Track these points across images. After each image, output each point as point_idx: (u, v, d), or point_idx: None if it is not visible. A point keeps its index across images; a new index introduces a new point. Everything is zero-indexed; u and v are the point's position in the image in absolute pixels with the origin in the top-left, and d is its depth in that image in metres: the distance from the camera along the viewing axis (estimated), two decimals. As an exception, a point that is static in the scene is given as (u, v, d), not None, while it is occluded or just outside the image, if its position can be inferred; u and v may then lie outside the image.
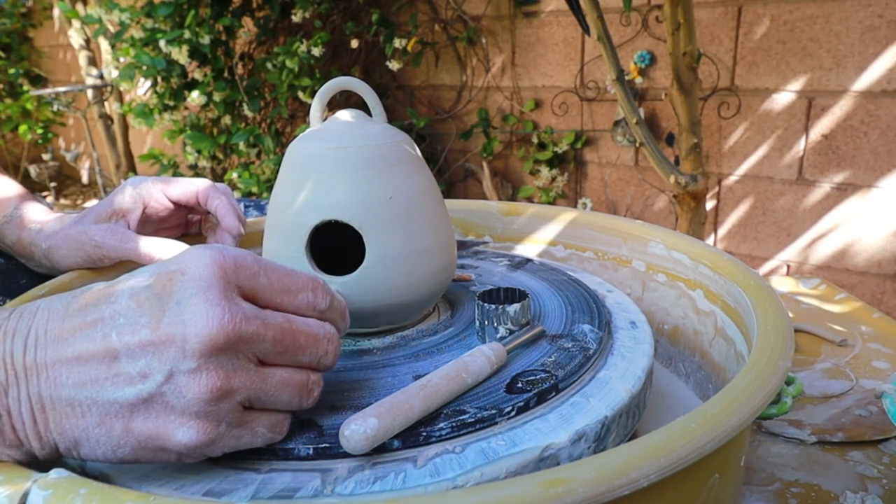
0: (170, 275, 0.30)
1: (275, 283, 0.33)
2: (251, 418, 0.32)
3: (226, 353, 0.30)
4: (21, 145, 4.35)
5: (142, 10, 2.03)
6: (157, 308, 0.30)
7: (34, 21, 4.09)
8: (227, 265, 0.31)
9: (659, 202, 1.84)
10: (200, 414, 0.30)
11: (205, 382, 0.29)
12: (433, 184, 0.50)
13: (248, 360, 0.31)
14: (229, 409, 0.31)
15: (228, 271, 0.31)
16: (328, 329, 0.34)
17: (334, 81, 0.49)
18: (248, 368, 0.31)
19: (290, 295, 0.33)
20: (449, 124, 2.22)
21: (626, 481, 0.26)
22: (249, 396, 0.31)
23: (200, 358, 0.29)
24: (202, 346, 0.29)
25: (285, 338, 0.32)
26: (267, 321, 0.31)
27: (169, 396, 0.29)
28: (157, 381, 0.29)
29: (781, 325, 0.41)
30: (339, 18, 2.14)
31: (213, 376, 0.29)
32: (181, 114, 2.25)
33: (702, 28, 1.61)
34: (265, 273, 0.33)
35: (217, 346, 0.29)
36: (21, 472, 0.29)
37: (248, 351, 0.31)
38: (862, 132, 1.46)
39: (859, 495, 0.46)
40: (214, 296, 0.30)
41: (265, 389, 0.32)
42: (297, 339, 0.32)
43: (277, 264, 0.34)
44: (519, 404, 0.37)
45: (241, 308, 0.30)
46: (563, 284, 0.57)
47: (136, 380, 0.29)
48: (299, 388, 0.34)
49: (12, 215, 0.62)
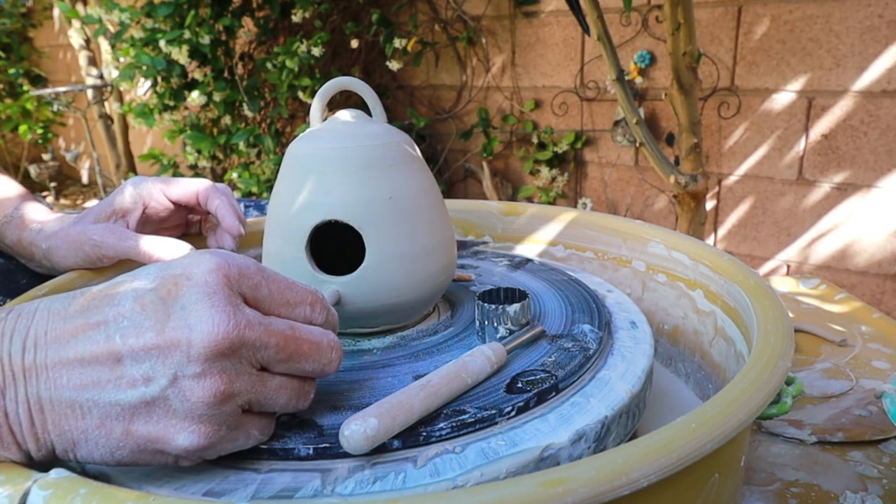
0: (175, 279, 0.31)
1: (275, 295, 0.33)
2: (246, 421, 0.33)
3: (229, 357, 0.30)
4: (21, 145, 4.35)
5: (142, 10, 2.03)
6: (162, 312, 0.30)
7: (34, 21, 4.09)
8: (231, 272, 0.31)
9: (659, 202, 1.84)
10: (203, 418, 0.30)
11: (209, 386, 0.29)
12: (433, 184, 0.50)
13: (251, 366, 0.31)
14: (230, 412, 0.31)
15: (233, 278, 0.31)
16: (331, 338, 0.35)
17: (334, 81, 0.49)
18: (251, 373, 0.31)
19: (288, 307, 0.34)
20: (449, 124, 2.22)
21: (626, 481, 0.26)
22: (249, 400, 0.32)
23: (205, 362, 0.29)
24: (207, 350, 0.29)
25: (289, 345, 0.32)
26: (271, 328, 0.31)
27: (172, 400, 0.29)
28: (161, 384, 0.29)
29: (781, 325, 0.41)
30: (339, 18, 2.14)
31: (216, 380, 0.29)
32: (181, 114, 2.25)
33: (702, 28, 1.61)
34: (267, 283, 0.33)
35: (221, 351, 0.29)
36: (21, 472, 0.29)
37: (251, 356, 0.31)
38: (862, 132, 1.46)
39: (859, 495, 0.46)
40: (220, 301, 0.30)
41: (265, 393, 0.32)
42: (301, 347, 0.33)
43: (279, 275, 0.34)
44: (519, 404, 0.37)
45: (245, 314, 0.31)
46: (563, 284, 0.57)
47: (139, 383, 0.29)
48: (297, 392, 0.34)
49: (13, 216, 0.62)
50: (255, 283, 0.32)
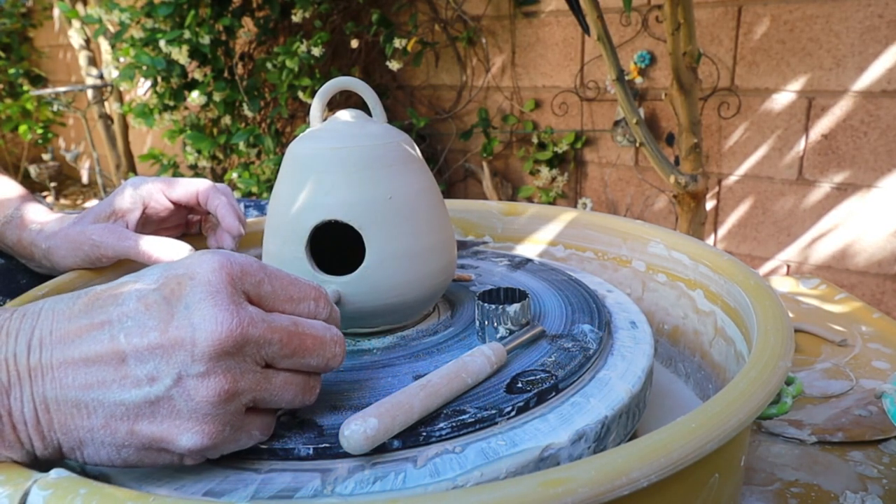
0: (178, 279, 0.31)
1: (278, 291, 0.33)
2: (249, 420, 0.33)
3: (234, 356, 0.30)
4: (21, 145, 4.35)
5: (142, 10, 2.03)
6: (166, 311, 0.30)
7: (34, 21, 4.09)
8: (234, 271, 0.31)
9: (659, 202, 1.84)
10: (207, 417, 0.30)
11: (213, 385, 0.29)
12: (433, 184, 0.50)
13: (256, 363, 0.31)
14: (234, 411, 0.31)
15: (235, 277, 0.31)
16: (335, 332, 0.35)
17: (334, 81, 0.49)
18: (255, 371, 0.31)
19: (292, 303, 0.34)
20: (449, 124, 2.22)
21: (626, 481, 0.26)
22: (255, 398, 0.32)
23: (210, 361, 0.29)
24: (211, 349, 0.29)
25: (292, 341, 0.32)
26: (273, 325, 0.32)
27: (176, 400, 0.30)
28: (166, 384, 0.29)
29: (781, 325, 0.41)
30: (339, 18, 2.14)
31: (221, 379, 0.30)
32: (181, 114, 2.25)
33: (702, 28, 1.61)
34: (269, 280, 0.33)
35: (226, 350, 0.30)
36: (21, 472, 0.29)
37: (255, 354, 0.31)
38: (862, 132, 1.46)
39: (859, 495, 0.46)
40: (223, 300, 0.30)
41: (270, 390, 0.32)
42: (304, 342, 0.33)
43: (282, 272, 0.34)
44: (519, 404, 0.37)
45: (248, 312, 0.31)
46: (563, 284, 0.57)
47: (143, 382, 0.29)
48: (302, 387, 0.34)
49: (13, 216, 0.62)
50: (258, 280, 0.33)
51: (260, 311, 0.32)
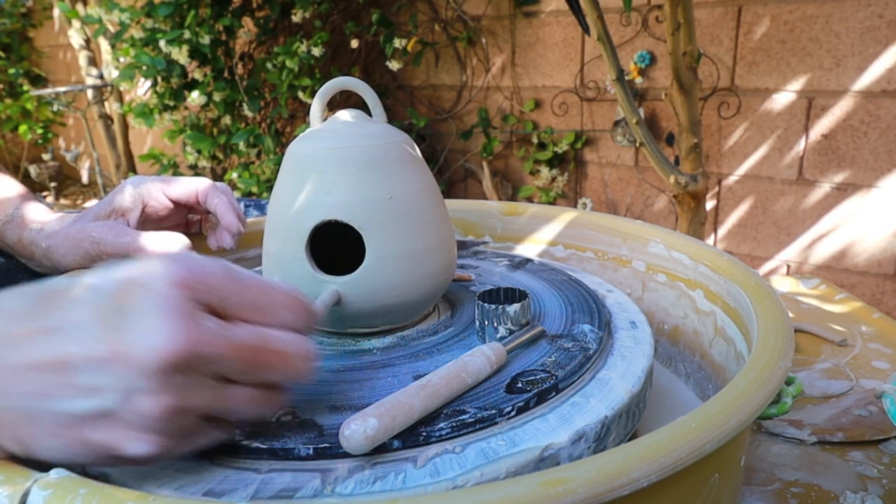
0: (132, 287, 0.29)
1: (246, 301, 0.31)
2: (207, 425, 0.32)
3: (184, 372, 0.28)
4: (21, 145, 4.35)
5: (142, 10, 2.03)
6: (114, 322, 0.28)
7: (34, 21, 4.09)
8: (190, 280, 0.29)
9: (659, 202, 1.84)
10: (156, 430, 0.29)
11: (161, 402, 0.28)
12: (433, 184, 0.50)
13: (212, 378, 0.30)
14: (186, 424, 0.30)
15: (193, 287, 0.29)
16: (303, 345, 0.32)
17: (334, 81, 0.49)
18: (210, 386, 0.30)
19: (261, 313, 0.32)
20: (449, 124, 2.22)
21: (626, 481, 0.26)
22: (210, 411, 0.31)
23: (156, 378, 0.28)
24: (158, 366, 0.28)
25: (254, 356, 0.31)
26: (233, 340, 0.30)
27: (123, 413, 0.28)
28: (112, 398, 0.28)
29: (781, 325, 0.41)
30: (339, 18, 2.14)
31: (169, 397, 0.28)
32: (181, 114, 2.25)
33: (702, 28, 1.61)
34: (237, 288, 0.31)
35: (174, 367, 0.28)
36: (21, 472, 0.29)
37: (207, 370, 0.29)
38: (862, 132, 1.46)
39: (859, 495, 0.46)
40: (174, 314, 0.28)
41: (226, 404, 0.31)
42: (267, 359, 0.31)
43: (254, 278, 0.32)
44: (519, 404, 0.37)
45: (203, 327, 0.29)
46: (563, 284, 0.57)
47: (89, 394, 0.28)
48: (263, 401, 0.32)
49: (13, 215, 0.62)
50: (220, 289, 0.30)
51: (220, 324, 0.30)
